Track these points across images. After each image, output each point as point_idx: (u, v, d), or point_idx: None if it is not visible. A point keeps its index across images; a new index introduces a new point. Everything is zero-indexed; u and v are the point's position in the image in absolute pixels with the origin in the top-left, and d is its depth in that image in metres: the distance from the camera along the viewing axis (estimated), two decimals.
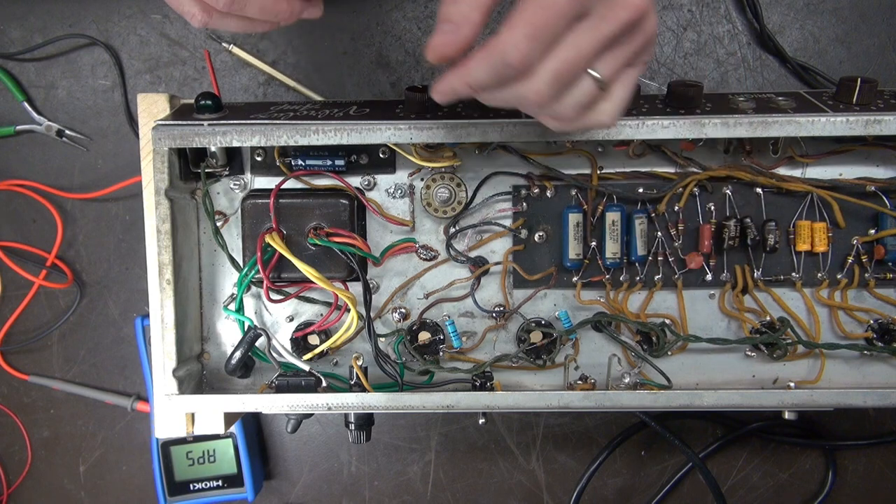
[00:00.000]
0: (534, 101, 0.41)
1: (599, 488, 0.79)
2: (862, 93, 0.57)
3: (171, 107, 0.61)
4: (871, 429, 0.77)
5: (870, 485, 0.78)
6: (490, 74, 0.40)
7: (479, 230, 0.63)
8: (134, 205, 0.76)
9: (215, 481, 0.77)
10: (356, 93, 0.73)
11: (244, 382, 0.65)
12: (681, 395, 0.59)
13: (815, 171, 0.62)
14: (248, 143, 0.57)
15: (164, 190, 0.59)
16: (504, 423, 0.79)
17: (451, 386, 0.63)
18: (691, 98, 0.57)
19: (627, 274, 0.63)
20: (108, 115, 0.75)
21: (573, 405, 0.59)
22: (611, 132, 0.56)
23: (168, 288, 0.59)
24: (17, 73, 0.75)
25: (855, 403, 0.60)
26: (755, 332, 0.63)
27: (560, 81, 0.40)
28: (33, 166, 0.76)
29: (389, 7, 0.72)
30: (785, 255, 0.63)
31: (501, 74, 0.40)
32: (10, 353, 0.79)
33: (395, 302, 0.65)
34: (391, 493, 0.80)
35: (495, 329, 0.65)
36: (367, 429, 0.63)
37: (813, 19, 0.71)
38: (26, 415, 0.80)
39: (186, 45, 0.74)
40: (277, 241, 0.59)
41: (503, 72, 0.39)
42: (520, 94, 0.41)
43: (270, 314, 0.65)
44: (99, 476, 0.81)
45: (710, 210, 0.62)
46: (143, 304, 0.77)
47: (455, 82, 0.42)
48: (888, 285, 0.63)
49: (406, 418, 0.79)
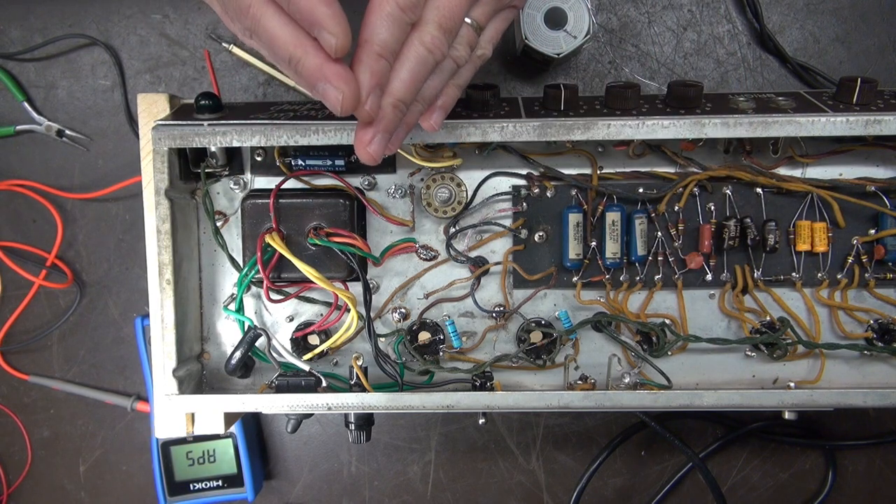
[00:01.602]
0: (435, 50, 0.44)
1: (599, 488, 0.79)
2: (862, 93, 0.57)
3: (171, 107, 0.61)
4: (871, 429, 0.77)
5: (870, 485, 0.78)
6: (389, 25, 0.42)
7: (479, 230, 0.63)
8: (134, 205, 0.76)
9: (215, 481, 0.77)
10: None
11: (244, 382, 0.65)
12: (681, 395, 0.59)
13: (815, 171, 0.62)
14: (248, 143, 0.57)
15: (164, 190, 0.58)
16: (504, 423, 0.79)
17: (451, 386, 0.63)
18: (691, 98, 0.57)
19: (627, 274, 0.63)
20: (108, 115, 0.75)
21: (573, 405, 0.59)
22: (611, 132, 0.56)
23: (168, 288, 0.59)
24: (17, 73, 0.75)
25: (855, 403, 0.60)
26: (755, 332, 0.63)
27: (444, 28, 0.43)
28: (33, 166, 0.76)
29: None
30: (785, 255, 0.63)
31: (398, 19, 0.42)
32: (10, 353, 0.79)
33: (395, 302, 0.65)
34: (391, 493, 0.80)
35: (495, 329, 0.65)
36: (367, 429, 0.63)
37: (813, 19, 0.71)
38: (26, 415, 0.80)
39: (186, 45, 0.74)
40: (277, 241, 0.59)
41: (399, 16, 0.42)
42: (420, 53, 0.43)
43: (270, 314, 0.65)
44: (99, 476, 0.81)
45: (710, 210, 0.62)
46: (143, 304, 0.77)
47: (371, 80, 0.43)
48: (888, 285, 0.63)
49: (406, 418, 0.79)
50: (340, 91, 0.42)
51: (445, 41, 0.44)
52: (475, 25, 0.46)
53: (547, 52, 0.64)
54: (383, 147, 0.45)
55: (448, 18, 0.43)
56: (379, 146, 0.45)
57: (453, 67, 0.46)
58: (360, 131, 0.45)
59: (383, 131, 0.45)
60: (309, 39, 0.42)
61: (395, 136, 0.46)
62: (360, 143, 0.45)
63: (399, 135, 0.47)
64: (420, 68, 0.44)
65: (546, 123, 0.55)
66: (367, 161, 0.46)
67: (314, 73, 0.42)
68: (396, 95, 0.44)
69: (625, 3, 0.71)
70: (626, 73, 0.72)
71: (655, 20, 0.71)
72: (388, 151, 0.46)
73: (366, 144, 0.45)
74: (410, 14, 0.42)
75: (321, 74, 0.42)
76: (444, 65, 0.46)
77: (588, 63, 0.72)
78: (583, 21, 0.64)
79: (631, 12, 0.71)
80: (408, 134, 0.48)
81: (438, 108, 0.48)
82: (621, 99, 0.57)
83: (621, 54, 0.72)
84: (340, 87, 0.42)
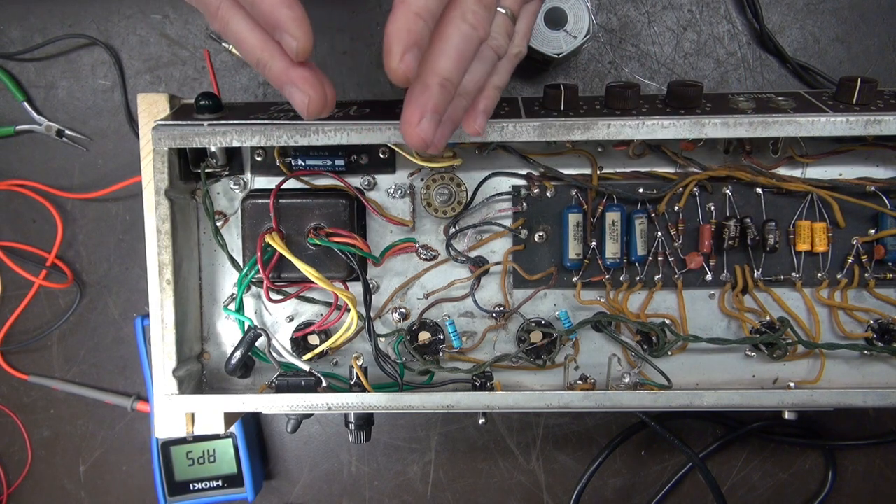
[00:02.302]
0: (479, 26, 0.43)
1: (599, 488, 0.79)
2: (862, 93, 0.57)
3: (171, 107, 0.61)
4: (871, 429, 0.77)
5: (870, 485, 0.78)
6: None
7: (479, 230, 0.63)
8: (134, 205, 0.76)
9: (215, 481, 0.77)
10: (356, 93, 0.73)
11: (244, 382, 0.65)
12: (681, 395, 0.59)
13: (815, 171, 0.62)
14: (248, 143, 0.57)
15: (164, 190, 0.58)
16: (504, 423, 0.79)
17: (451, 386, 0.63)
18: (691, 98, 0.57)
19: (627, 274, 0.63)
20: (108, 115, 0.75)
21: (573, 405, 0.59)
22: (611, 132, 0.56)
23: (168, 288, 0.59)
24: (17, 73, 0.75)
25: (855, 403, 0.60)
26: (755, 332, 0.63)
27: (485, 4, 0.43)
28: (33, 166, 0.76)
29: (389, 7, 0.72)
30: (785, 255, 0.63)
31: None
32: (10, 353, 0.79)
33: (395, 302, 0.65)
34: (391, 493, 0.80)
35: (495, 329, 0.65)
36: (367, 429, 0.63)
37: (813, 19, 0.71)
38: (26, 415, 0.80)
39: (186, 45, 0.74)
40: (277, 241, 0.59)
41: None
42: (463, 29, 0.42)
43: (270, 314, 0.65)
44: (99, 476, 0.81)
45: (710, 210, 0.62)
46: (143, 304, 0.77)
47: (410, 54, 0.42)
48: (888, 285, 0.63)
49: (406, 418, 0.79)
50: (306, 95, 0.43)
51: (487, 18, 0.43)
52: (509, 14, 0.46)
53: (547, 52, 0.64)
54: (433, 129, 0.43)
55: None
56: (429, 126, 0.43)
57: (493, 58, 0.46)
58: (407, 111, 0.43)
59: (432, 111, 0.43)
60: (274, 43, 0.42)
61: (443, 128, 0.44)
62: (407, 123, 0.43)
63: (446, 128, 0.45)
64: (465, 45, 0.42)
65: (546, 123, 0.55)
66: (417, 145, 0.43)
67: (280, 77, 0.43)
68: (443, 74, 0.42)
69: (625, 3, 0.71)
70: (626, 73, 0.72)
71: (655, 20, 0.71)
72: (436, 145, 0.44)
73: (414, 124, 0.42)
74: None
75: (287, 78, 0.43)
76: (484, 53, 0.45)
77: (588, 63, 0.72)
78: (583, 21, 0.64)
79: (631, 12, 0.71)
80: (453, 131, 0.46)
81: (482, 112, 0.48)
82: (621, 99, 0.57)
83: (621, 54, 0.72)
84: (307, 90, 0.42)
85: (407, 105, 0.43)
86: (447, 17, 0.42)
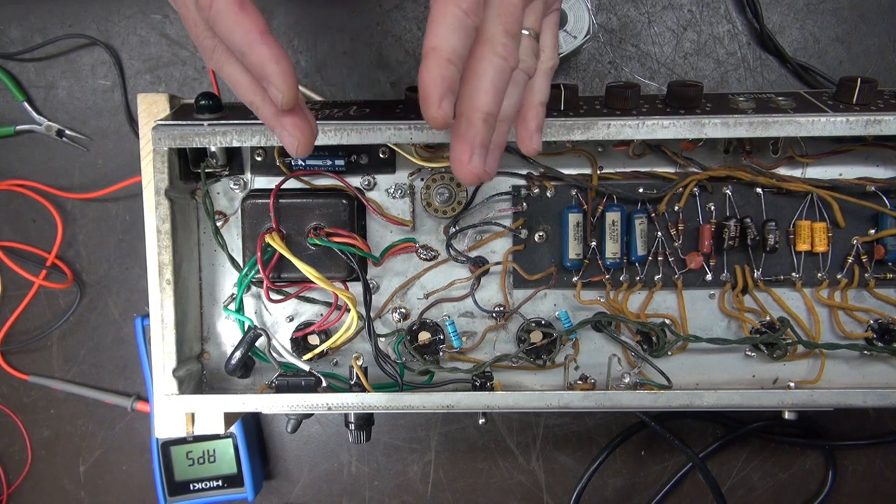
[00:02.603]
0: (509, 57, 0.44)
1: (599, 488, 0.79)
2: (862, 93, 0.57)
3: (171, 107, 0.61)
4: (871, 429, 0.77)
5: (870, 485, 0.78)
6: (456, 31, 0.42)
7: (479, 230, 0.63)
8: (134, 205, 0.76)
9: (215, 481, 0.77)
10: (356, 93, 0.73)
11: (244, 382, 0.66)
12: (681, 395, 0.59)
13: (815, 171, 0.62)
14: (248, 143, 0.57)
15: (164, 190, 0.59)
16: (504, 423, 0.79)
17: (451, 386, 0.63)
18: (691, 98, 0.57)
19: (627, 274, 0.63)
20: (108, 115, 0.75)
21: (573, 405, 0.59)
22: (611, 132, 0.56)
23: (168, 288, 0.59)
24: (17, 73, 0.75)
25: (855, 403, 0.60)
26: (755, 332, 0.63)
27: (511, 34, 0.44)
28: (33, 166, 0.76)
29: (389, 7, 0.72)
30: (785, 255, 0.63)
31: (465, 26, 0.42)
32: (10, 353, 0.79)
33: (395, 302, 0.65)
34: (391, 493, 0.80)
35: (495, 329, 0.65)
36: (367, 429, 0.63)
37: (813, 19, 0.71)
38: (26, 415, 0.80)
39: (186, 45, 0.74)
40: (277, 241, 0.59)
41: (465, 22, 0.42)
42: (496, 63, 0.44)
43: (270, 314, 0.65)
44: (99, 476, 0.81)
45: (710, 210, 0.62)
46: (143, 304, 0.77)
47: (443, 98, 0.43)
48: (888, 285, 0.63)
49: (406, 418, 0.79)
50: (296, 139, 0.46)
51: (515, 46, 0.44)
52: (532, 34, 0.47)
53: None
54: (482, 164, 0.45)
55: (511, 24, 0.44)
56: (479, 162, 0.45)
57: (525, 79, 0.47)
58: (456, 149, 0.45)
59: (480, 146, 0.44)
60: (263, 89, 0.45)
61: (491, 157, 0.46)
62: (459, 163, 0.45)
63: (494, 156, 0.46)
64: (499, 77, 0.44)
65: (546, 123, 0.55)
66: (471, 181, 0.45)
67: (270, 120, 0.46)
68: (484, 109, 0.44)
69: (625, 3, 0.71)
70: (626, 73, 0.72)
71: (655, 20, 0.71)
72: (486, 174, 0.46)
73: (466, 162, 0.44)
74: (474, 17, 0.42)
75: (277, 122, 0.46)
76: (516, 77, 0.46)
77: (588, 63, 0.72)
78: (583, 21, 0.64)
79: (631, 12, 0.71)
80: (500, 157, 0.48)
81: (535, 131, 0.49)
82: (621, 99, 0.57)
83: (621, 54, 0.72)
84: (295, 135, 0.46)
85: (455, 143, 0.44)
86: (478, 54, 0.43)
